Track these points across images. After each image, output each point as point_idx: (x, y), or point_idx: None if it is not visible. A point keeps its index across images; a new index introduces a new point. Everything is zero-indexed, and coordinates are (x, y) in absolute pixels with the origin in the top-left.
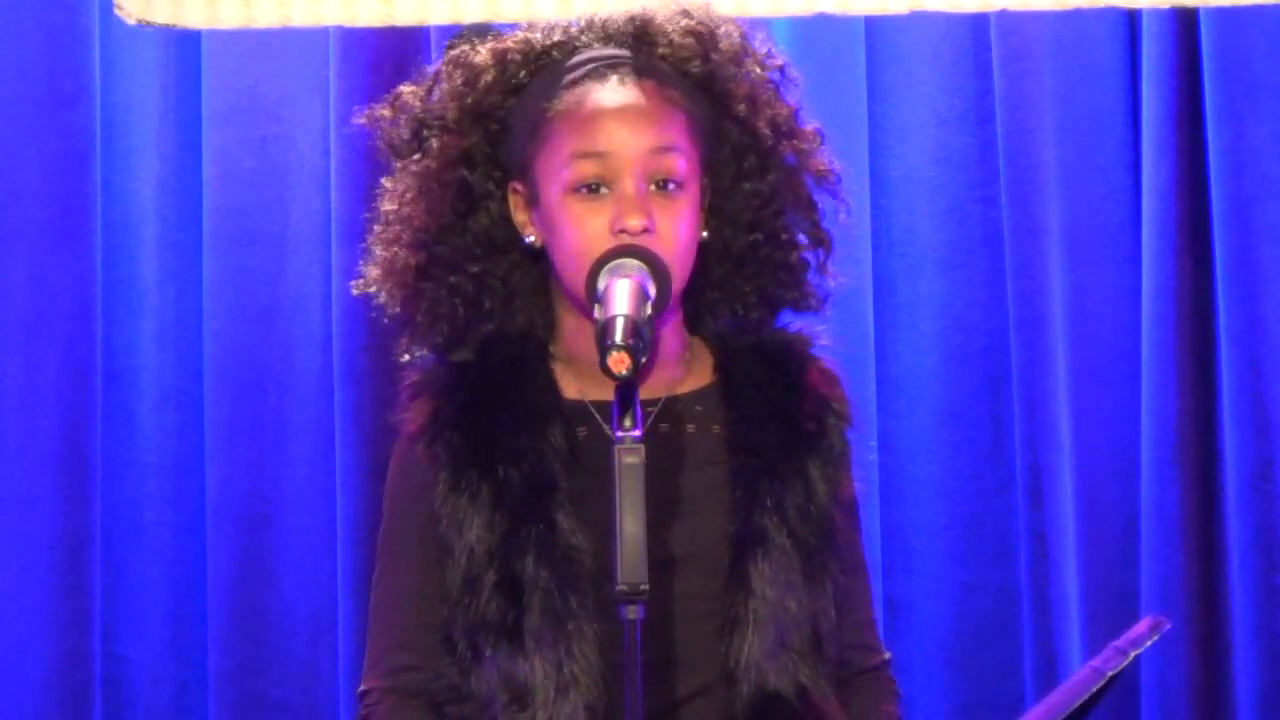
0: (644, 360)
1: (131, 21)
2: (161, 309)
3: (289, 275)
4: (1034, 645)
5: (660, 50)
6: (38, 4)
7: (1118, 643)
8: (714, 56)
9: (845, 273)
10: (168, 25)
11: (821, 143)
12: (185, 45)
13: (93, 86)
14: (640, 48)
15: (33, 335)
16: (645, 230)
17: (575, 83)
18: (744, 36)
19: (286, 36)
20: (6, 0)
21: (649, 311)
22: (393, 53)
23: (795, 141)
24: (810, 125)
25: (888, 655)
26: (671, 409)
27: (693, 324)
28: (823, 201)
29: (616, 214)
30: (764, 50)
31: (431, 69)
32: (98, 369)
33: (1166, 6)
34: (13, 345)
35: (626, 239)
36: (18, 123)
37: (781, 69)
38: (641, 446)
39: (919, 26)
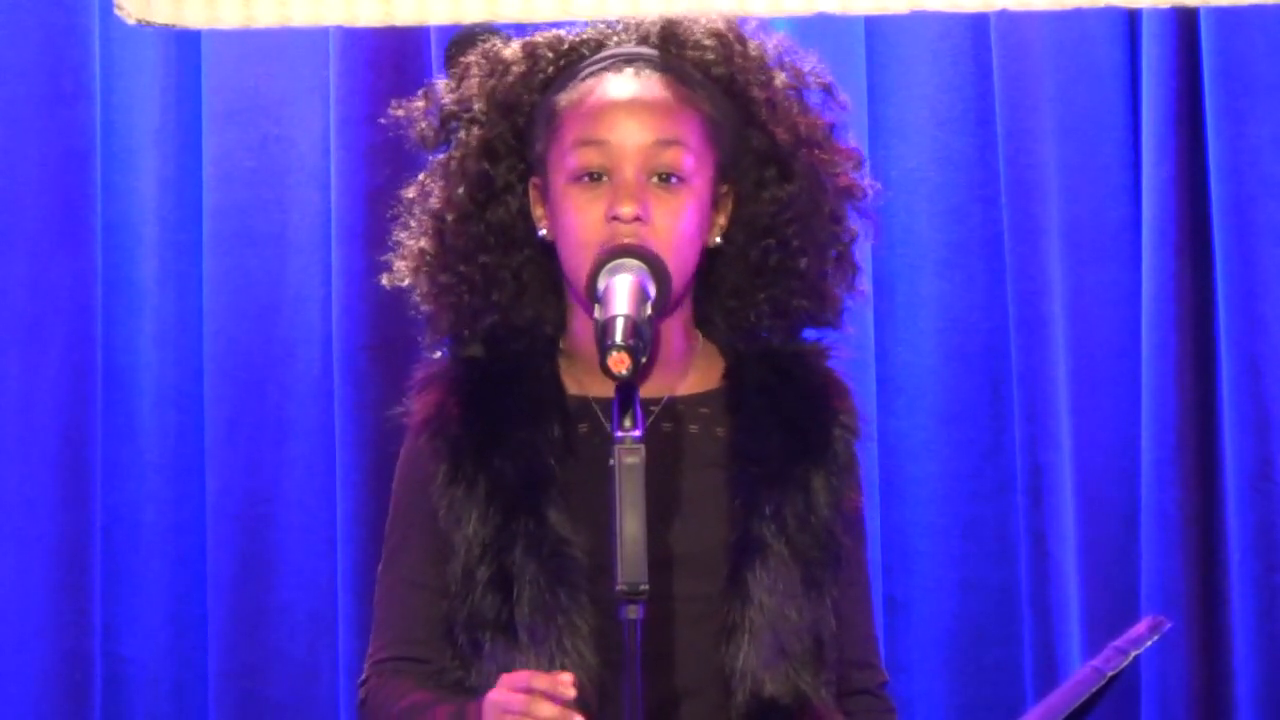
0: (644, 360)
1: (131, 21)
2: (161, 309)
3: (289, 275)
4: (1034, 645)
5: (687, 52)
6: (38, 4)
7: (1118, 643)
8: (738, 60)
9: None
10: (168, 25)
11: (860, 165)
12: (185, 45)
13: (93, 86)
14: (666, 47)
15: (33, 335)
16: (637, 219)
17: (591, 75)
18: (784, 51)
19: (286, 36)
20: (6, 0)
21: (649, 311)
22: (393, 53)
23: (819, 151)
24: (849, 145)
25: (886, 676)
26: (674, 409)
27: (705, 327)
28: (855, 224)
29: (611, 201)
30: (808, 68)
31: (463, 60)
32: (98, 369)
33: (1166, 6)
34: (13, 345)
35: (618, 227)
36: (18, 122)
37: (828, 88)
38: (642, 446)
39: (919, 26)
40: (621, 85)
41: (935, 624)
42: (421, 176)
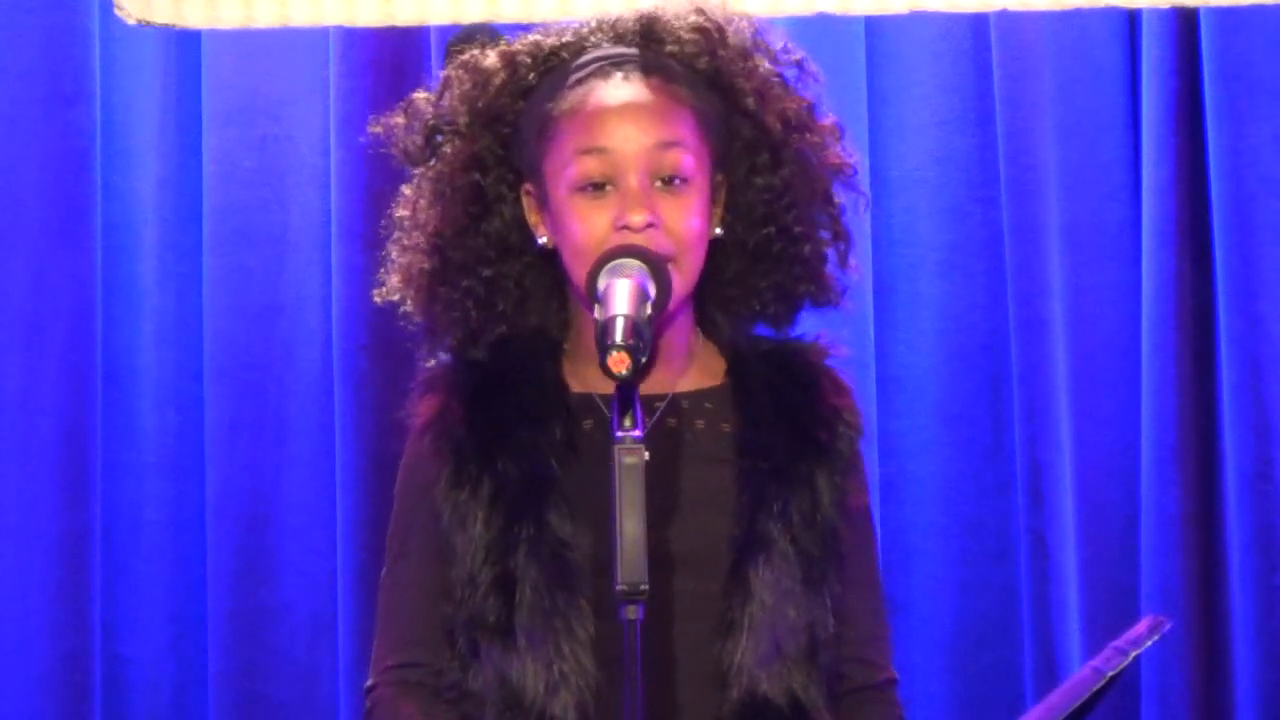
0: (644, 360)
1: (131, 21)
2: (161, 309)
3: (289, 275)
4: (1034, 645)
5: (668, 47)
6: (38, 4)
7: (1118, 643)
8: (721, 51)
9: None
10: (168, 25)
11: (840, 137)
12: (185, 45)
13: (93, 86)
14: (648, 45)
15: (33, 335)
16: (649, 225)
17: (580, 81)
18: (756, 32)
19: (286, 36)
20: (6, 0)
21: (649, 311)
22: (393, 53)
23: (808, 135)
24: (828, 119)
25: (894, 675)
26: (678, 405)
27: (706, 326)
28: (842, 196)
29: (620, 210)
30: (780, 45)
31: (443, 74)
32: (98, 369)
33: (1166, 6)
34: (13, 345)
35: (629, 235)
36: (18, 123)
37: (800, 64)
38: (641, 446)
39: (919, 26)
40: (615, 91)
41: (935, 624)
42: (405, 190)
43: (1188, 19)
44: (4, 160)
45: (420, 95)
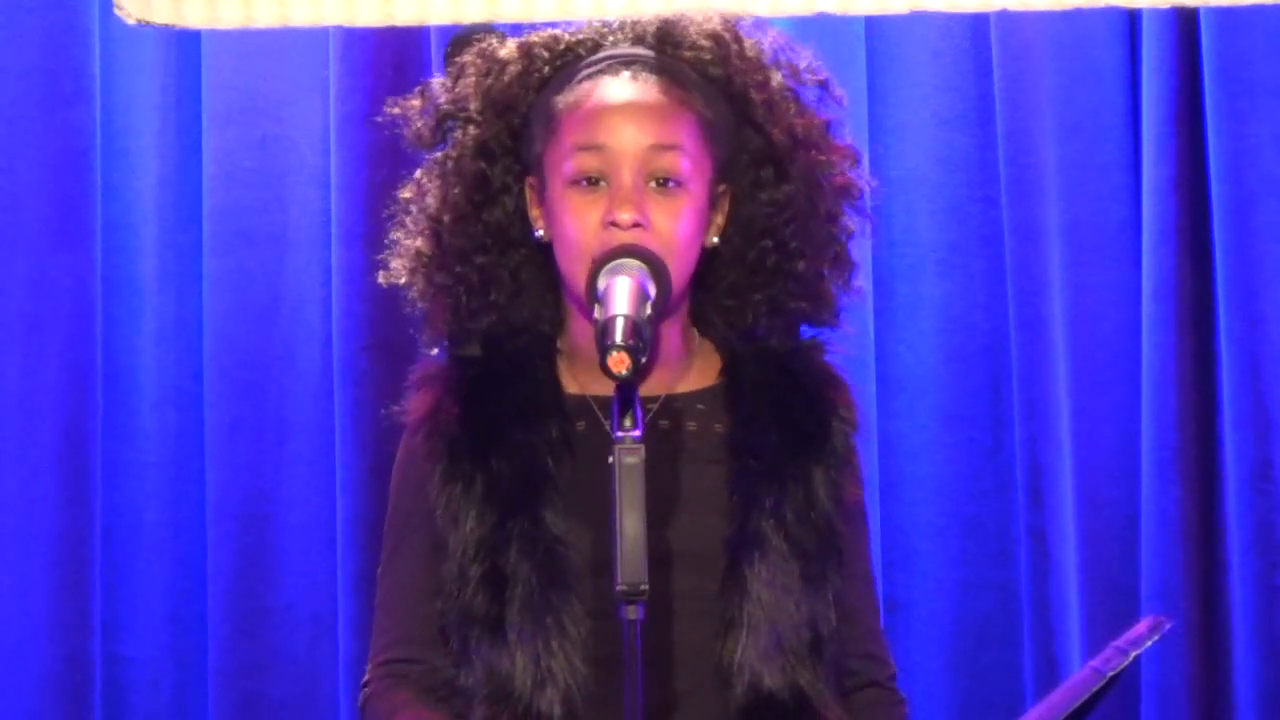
0: (644, 360)
1: (131, 21)
2: (161, 309)
3: (289, 275)
4: (1034, 645)
5: (684, 52)
6: (38, 4)
7: (1118, 643)
8: (735, 61)
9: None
10: (168, 25)
11: (856, 162)
12: (185, 45)
13: (93, 86)
14: (663, 48)
15: (33, 335)
16: (636, 225)
17: (588, 77)
18: (780, 48)
19: (286, 36)
20: (6, 0)
21: (649, 311)
22: (393, 53)
23: (816, 153)
24: (845, 142)
25: (894, 669)
26: (671, 406)
27: (703, 327)
28: (852, 222)
29: (609, 207)
30: (804, 64)
31: (460, 60)
32: (98, 369)
33: (1166, 6)
34: (13, 345)
35: (616, 232)
36: (18, 123)
37: (823, 85)
38: (642, 446)
39: (919, 26)
40: (618, 88)
41: (935, 624)
42: (418, 174)
43: (1188, 19)
44: (4, 160)
45: (436, 80)
